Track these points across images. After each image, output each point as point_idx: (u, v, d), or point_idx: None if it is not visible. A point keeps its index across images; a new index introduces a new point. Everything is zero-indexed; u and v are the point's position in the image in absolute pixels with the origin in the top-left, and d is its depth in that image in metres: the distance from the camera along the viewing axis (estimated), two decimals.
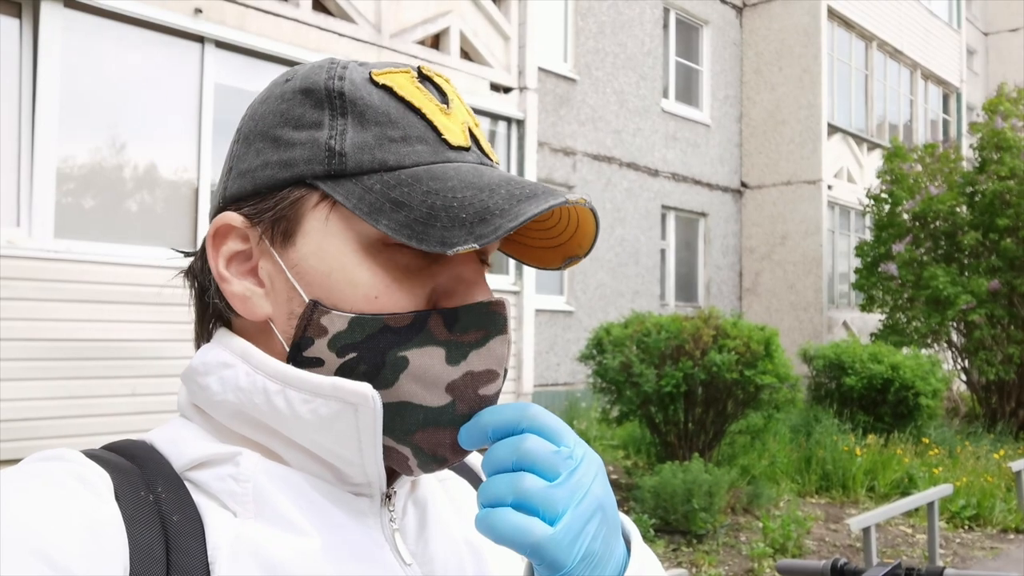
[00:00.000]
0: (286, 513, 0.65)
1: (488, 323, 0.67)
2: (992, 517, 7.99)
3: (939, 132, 19.38)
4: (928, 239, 13.38)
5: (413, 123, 0.67)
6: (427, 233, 0.61)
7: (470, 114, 0.72)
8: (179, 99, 6.01)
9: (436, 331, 0.65)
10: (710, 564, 6.00)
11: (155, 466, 0.66)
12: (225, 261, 0.70)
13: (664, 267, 14.43)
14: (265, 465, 0.67)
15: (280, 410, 0.65)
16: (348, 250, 0.66)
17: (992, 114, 13.54)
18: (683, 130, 14.77)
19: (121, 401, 5.48)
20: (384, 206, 0.63)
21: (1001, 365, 12.36)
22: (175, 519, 0.62)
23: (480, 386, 0.66)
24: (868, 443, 9.65)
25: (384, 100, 0.68)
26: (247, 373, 0.67)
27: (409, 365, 0.65)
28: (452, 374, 0.65)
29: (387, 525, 0.71)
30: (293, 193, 0.68)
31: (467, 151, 0.69)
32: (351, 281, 0.66)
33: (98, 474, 0.62)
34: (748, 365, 7.44)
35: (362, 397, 0.64)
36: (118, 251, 5.58)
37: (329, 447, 0.66)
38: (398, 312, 0.65)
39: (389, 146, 0.66)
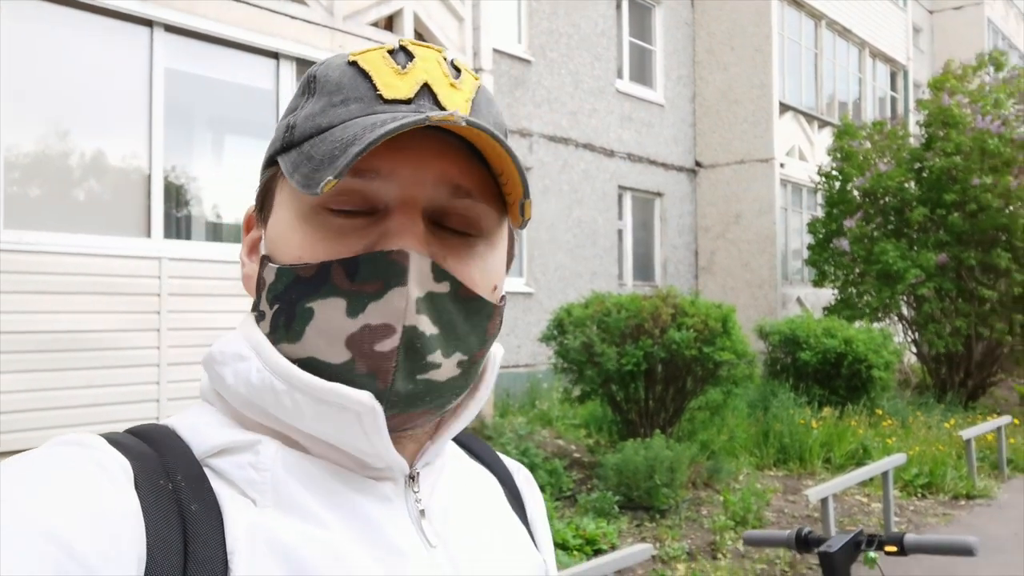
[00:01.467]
0: (306, 501, 0.65)
1: (387, 273, 0.65)
2: (944, 484, 8.22)
3: (887, 109, 19.70)
4: (878, 215, 13.63)
5: (357, 86, 0.69)
6: (312, 178, 0.63)
7: (447, 75, 0.70)
8: (128, 85, 5.89)
9: (338, 281, 0.65)
10: (673, 538, 6.09)
11: (175, 453, 0.66)
12: (247, 248, 0.77)
13: (622, 247, 14.52)
14: (285, 453, 0.67)
15: (288, 409, 0.66)
16: (291, 215, 0.69)
17: (938, 91, 13.81)
18: (638, 110, 14.84)
19: (77, 393, 5.38)
20: (301, 163, 0.66)
21: (950, 337, 12.67)
22: (194, 508, 0.61)
23: (376, 341, 0.65)
24: (823, 416, 9.85)
25: (343, 73, 0.70)
26: (258, 369, 0.67)
27: (314, 316, 0.66)
28: (351, 327, 0.65)
29: (412, 507, 0.71)
30: (268, 173, 0.73)
31: (406, 103, 0.68)
32: (289, 243, 0.68)
33: (118, 461, 0.61)
34: (706, 342, 7.53)
35: (362, 405, 0.64)
36: (70, 240, 5.46)
37: (342, 440, 0.67)
38: (308, 262, 0.66)
39: (330, 111, 0.68)
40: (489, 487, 0.86)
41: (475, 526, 0.76)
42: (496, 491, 0.86)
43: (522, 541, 0.83)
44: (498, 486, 0.87)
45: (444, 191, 0.68)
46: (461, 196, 0.68)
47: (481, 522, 0.78)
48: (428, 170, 0.67)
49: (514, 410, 10.03)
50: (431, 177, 0.67)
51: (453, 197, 0.68)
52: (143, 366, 5.71)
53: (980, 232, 12.70)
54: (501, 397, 10.42)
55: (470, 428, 7.97)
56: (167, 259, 5.84)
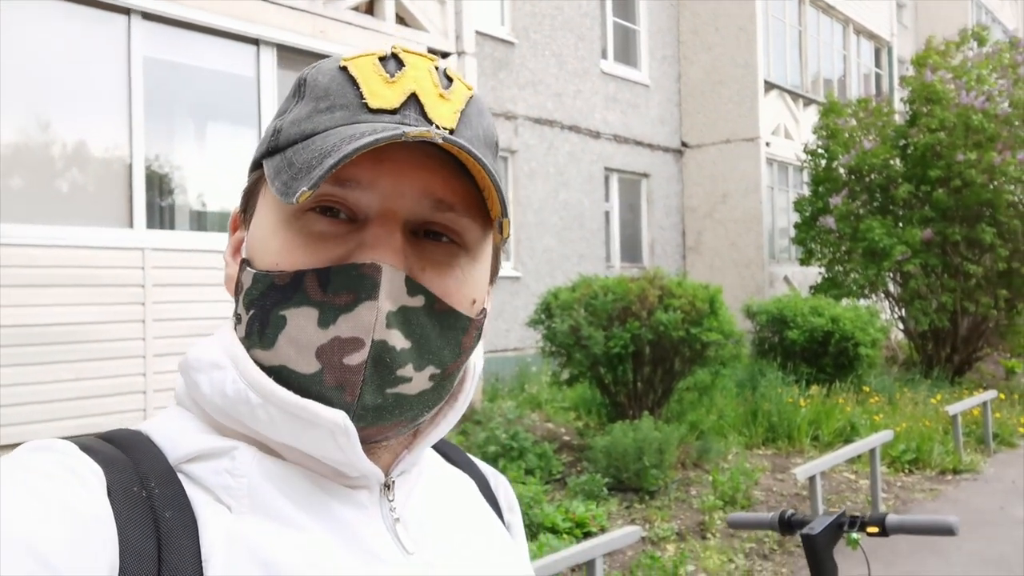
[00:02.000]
0: (282, 507, 0.65)
1: (357, 286, 0.64)
2: (931, 460, 8.28)
3: (872, 86, 19.71)
4: (863, 192, 13.67)
5: (344, 93, 0.68)
6: (291, 187, 0.63)
7: (436, 84, 0.70)
8: (107, 74, 5.83)
9: (311, 291, 0.65)
10: (663, 519, 6.12)
11: (149, 459, 0.65)
12: (232, 249, 0.77)
13: (609, 229, 14.52)
14: (261, 459, 0.66)
15: (263, 421, 0.66)
16: (272, 220, 0.69)
17: (921, 67, 13.82)
18: (623, 91, 14.80)
19: (65, 386, 5.36)
20: (283, 169, 0.66)
21: (936, 313, 12.74)
22: (168, 516, 0.61)
23: (345, 354, 0.64)
24: (811, 394, 9.90)
25: (332, 78, 0.69)
26: (234, 380, 0.67)
27: (287, 325, 0.65)
28: (321, 338, 0.64)
29: (387, 515, 0.71)
30: (253, 175, 0.74)
31: (391, 113, 0.67)
32: (266, 248, 0.68)
33: (90, 468, 0.61)
34: (694, 323, 7.55)
35: (335, 425, 0.64)
36: (52, 233, 5.42)
37: (316, 451, 0.67)
38: (283, 270, 0.66)
39: (315, 117, 0.68)
40: (466, 490, 0.86)
41: (452, 532, 0.77)
42: (473, 493, 0.87)
43: (501, 541, 0.83)
44: (475, 489, 0.88)
45: (426, 204, 0.67)
46: (444, 210, 0.68)
47: (459, 527, 0.78)
48: (409, 183, 0.67)
49: (503, 394, 10.04)
50: (413, 190, 0.67)
51: (435, 211, 0.68)
52: (129, 358, 5.68)
53: (965, 208, 12.75)
54: (490, 382, 10.44)
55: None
56: (150, 250, 5.81)
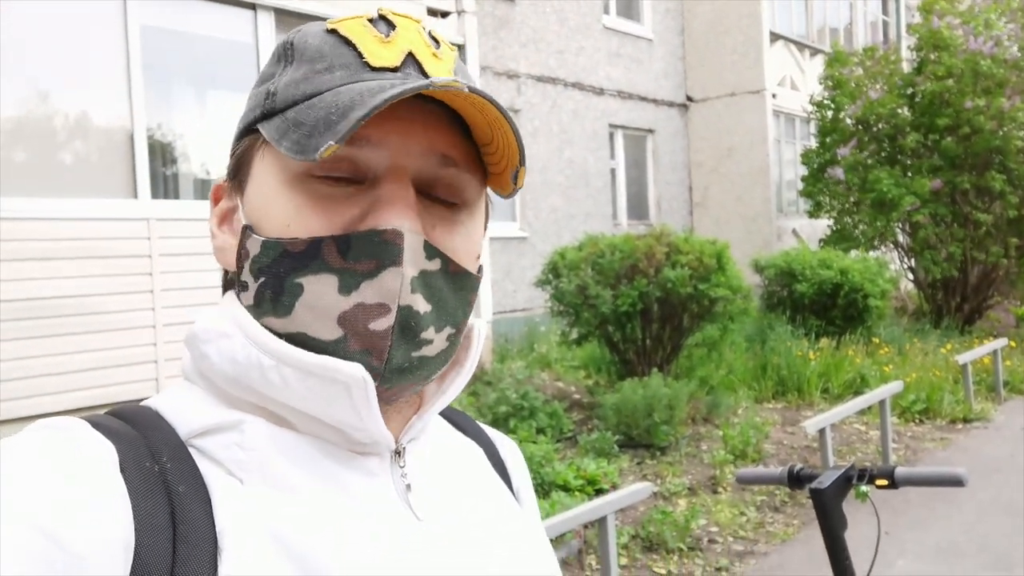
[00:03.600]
0: (293, 478, 0.65)
1: (381, 253, 0.64)
2: (941, 409, 8.30)
3: (879, 34, 19.42)
4: (871, 142, 13.53)
5: (341, 53, 0.68)
6: (308, 144, 0.62)
7: (428, 44, 0.70)
8: (105, 43, 5.78)
9: (330, 258, 0.65)
10: (674, 475, 6.16)
11: (160, 434, 0.65)
12: (218, 219, 0.75)
13: (615, 187, 14.44)
14: (270, 431, 0.67)
15: (276, 384, 0.65)
16: (275, 182, 0.68)
17: (928, 14, 13.60)
18: (626, 46, 14.62)
19: (73, 358, 5.39)
20: (289, 129, 0.65)
21: (945, 263, 12.68)
22: (181, 489, 0.61)
23: (370, 320, 0.65)
24: (821, 347, 9.90)
25: (324, 40, 0.69)
26: (243, 346, 0.66)
27: (304, 292, 0.65)
28: (343, 304, 0.65)
29: (398, 481, 0.72)
30: (244, 141, 0.72)
31: (393, 71, 0.67)
32: (273, 212, 0.67)
33: (102, 445, 0.61)
34: (701, 279, 7.53)
35: (352, 378, 0.64)
36: (56, 206, 5.42)
37: (330, 415, 0.66)
38: (296, 237, 0.65)
39: (314, 78, 0.67)
40: (474, 457, 0.86)
41: (462, 498, 0.77)
42: (481, 460, 0.87)
43: (509, 506, 0.83)
44: (483, 455, 0.88)
45: (432, 161, 0.68)
46: (448, 166, 0.68)
47: (468, 493, 0.78)
48: (417, 139, 0.67)
49: (513, 355, 10.07)
50: (420, 146, 0.67)
51: (440, 167, 0.68)
52: (138, 328, 5.70)
53: (974, 156, 12.62)
54: (499, 342, 10.47)
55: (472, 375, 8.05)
56: (155, 220, 5.80)
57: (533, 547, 0.81)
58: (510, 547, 0.77)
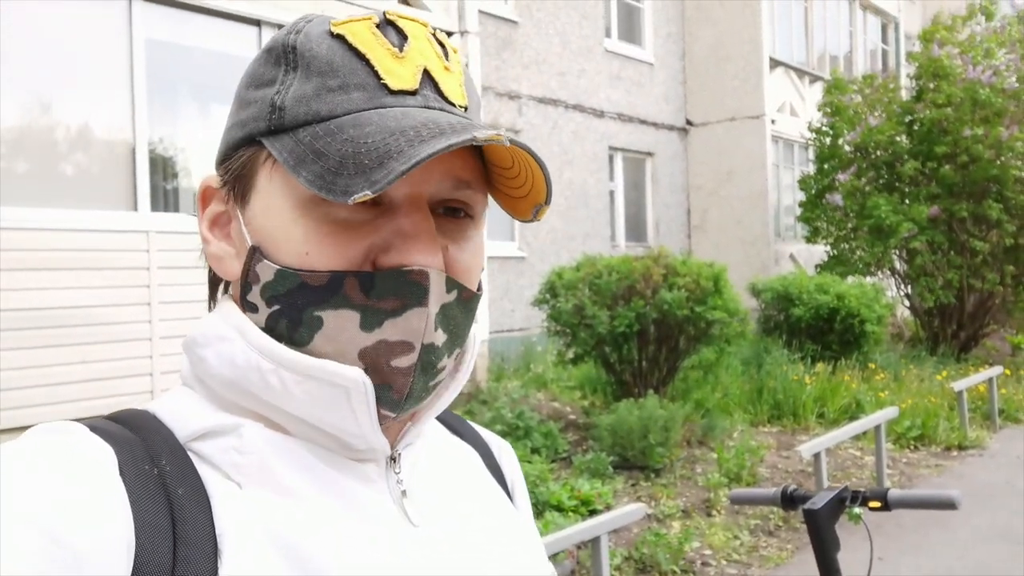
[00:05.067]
0: (290, 482, 0.65)
1: (406, 293, 0.64)
2: (936, 436, 8.29)
3: (879, 62, 19.56)
4: (870, 169, 13.59)
5: (356, 70, 0.66)
6: (335, 183, 0.59)
7: (439, 56, 0.69)
8: (109, 56, 5.81)
9: (352, 294, 0.64)
10: (668, 496, 6.14)
11: (159, 438, 0.65)
12: (209, 223, 0.73)
13: (613, 208, 14.48)
14: (267, 435, 0.66)
15: (275, 388, 0.65)
16: (287, 205, 0.66)
17: (928, 43, 13.70)
18: (627, 69, 14.71)
19: (73, 369, 5.39)
20: (307, 157, 0.62)
21: (942, 290, 12.70)
22: (180, 492, 0.61)
23: (393, 357, 0.65)
24: (817, 371, 9.90)
25: (332, 50, 0.66)
26: (243, 350, 0.66)
27: (323, 326, 0.65)
28: (365, 340, 0.64)
29: (394, 488, 0.72)
30: (246, 152, 0.69)
31: (412, 95, 0.66)
32: (287, 237, 0.65)
33: (102, 448, 0.61)
34: (698, 301, 7.55)
35: (352, 382, 0.64)
36: (56, 216, 5.43)
37: (327, 421, 0.66)
38: (317, 270, 0.64)
39: (326, 96, 0.65)
40: (469, 460, 0.86)
41: (457, 502, 0.77)
42: (476, 463, 0.87)
43: (504, 509, 0.83)
44: (478, 458, 0.88)
45: (448, 184, 0.67)
46: (462, 188, 0.68)
47: (463, 497, 0.79)
48: (437, 166, 0.66)
49: (509, 374, 10.07)
50: (438, 172, 0.66)
51: (455, 189, 0.68)
52: (135, 340, 5.70)
53: (971, 184, 12.68)
54: (496, 361, 10.46)
55: (464, 392, 7.98)
56: (155, 232, 5.81)
57: (528, 550, 0.81)
58: (506, 551, 0.77)
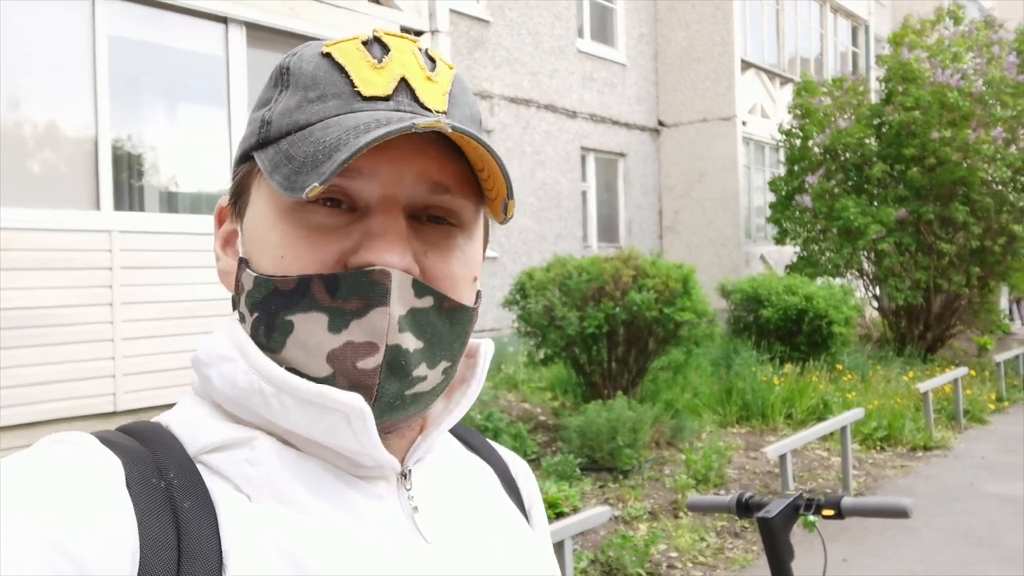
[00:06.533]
0: (301, 497, 0.65)
1: (368, 292, 0.65)
2: (902, 437, 8.38)
3: (849, 65, 19.74)
4: (839, 171, 13.72)
5: (333, 81, 0.68)
6: (296, 181, 0.62)
7: (422, 67, 0.70)
8: (72, 53, 5.72)
9: (319, 297, 0.65)
10: (636, 499, 6.16)
11: (168, 450, 0.65)
12: (222, 242, 0.76)
13: (586, 209, 14.50)
14: (279, 449, 0.67)
15: (276, 410, 0.66)
16: (269, 212, 0.68)
17: (897, 46, 13.85)
18: (599, 70, 14.74)
19: (32, 371, 5.30)
20: (281, 162, 0.65)
21: (909, 291, 12.85)
22: (187, 505, 0.61)
23: (359, 358, 0.65)
24: (785, 372, 9.97)
25: (318, 66, 0.69)
26: (244, 372, 0.67)
27: (294, 329, 0.65)
28: (333, 342, 0.65)
29: (405, 504, 0.72)
30: (243, 168, 0.72)
31: (385, 100, 0.67)
32: (266, 244, 0.67)
33: (109, 460, 0.61)
34: (667, 303, 7.57)
35: (350, 408, 0.64)
36: (17, 215, 5.33)
37: (331, 442, 0.66)
38: (288, 275, 0.65)
39: (307, 107, 0.67)
40: (485, 477, 0.86)
41: (471, 518, 0.77)
42: (492, 480, 0.86)
43: (519, 528, 0.83)
44: (493, 476, 0.88)
45: (423, 188, 0.68)
46: (440, 192, 0.68)
47: (477, 514, 0.78)
48: (408, 168, 0.67)
49: None
50: (411, 175, 0.67)
51: (432, 193, 0.68)
52: (97, 341, 5.62)
53: (939, 186, 12.84)
54: None
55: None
56: (118, 232, 5.73)
57: (541, 569, 0.81)
58: (518, 568, 0.77)
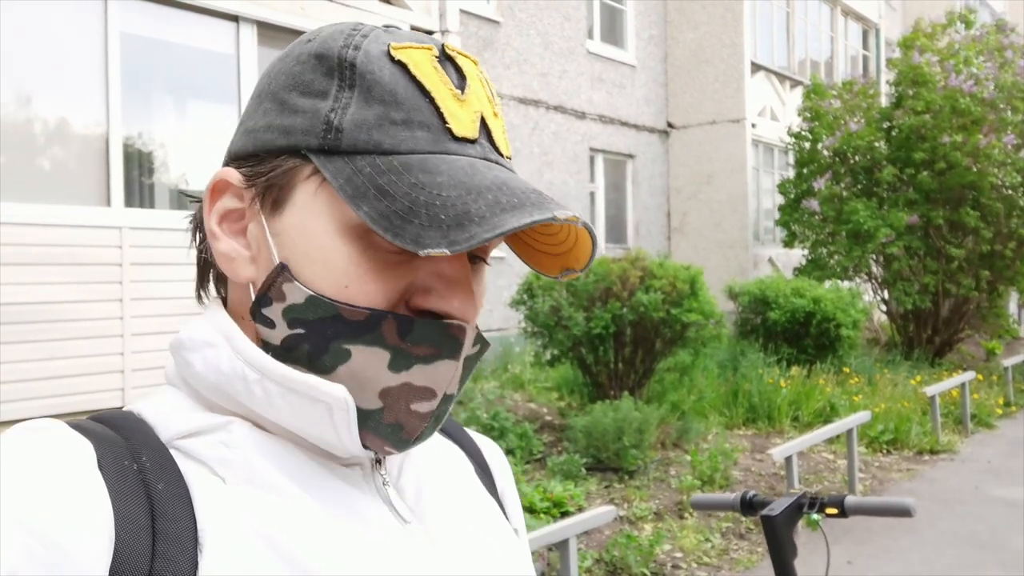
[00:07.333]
0: (277, 479, 0.65)
1: (442, 343, 0.65)
2: (909, 440, 8.37)
3: (859, 68, 19.69)
4: (848, 175, 13.69)
5: (420, 106, 0.65)
6: (403, 228, 0.59)
7: (491, 100, 0.70)
8: (84, 51, 5.76)
9: (387, 335, 0.64)
10: (641, 499, 6.16)
11: (140, 436, 0.65)
12: (218, 217, 0.70)
13: (594, 210, 14.51)
14: (256, 433, 0.66)
15: (258, 397, 0.65)
16: (330, 230, 0.65)
17: (908, 50, 13.81)
18: (609, 71, 14.74)
19: (38, 365, 5.33)
20: (368, 192, 0.61)
21: (918, 295, 12.82)
22: (160, 487, 0.61)
23: (414, 401, 0.66)
24: (792, 375, 9.96)
25: (395, 78, 0.65)
26: (229, 358, 0.66)
27: (351, 359, 0.64)
28: (390, 380, 0.65)
29: (381, 488, 0.72)
30: (288, 162, 0.66)
31: (472, 143, 0.66)
32: (326, 263, 0.65)
33: (80, 445, 0.60)
34: (674, 304, 7.57)
35: (335, 399, 0.64)
36: (28, 211, 5.37)
37: (308, 432, 0.66)
38: (355, 306, 0.64)
39: (388, 128, 0.64)
40: (458, 462, 0.86)
41: (446, 500, 0.77)
42: (465, 465, 0.87)
43: (493, 513, 0.83)
44: (467, 460, 0.88)
45: None
46: None
47: (452, 496, 0.78)
48: None
49: (487, 374, 10.06)
50: None
51: None
52: (106, 337, 5.65)
53: (948, 190, 12.80)
54: None
55: None
56: (128, 228, 5.77)
57: (514, 550, 0.81)
58: (492, 550, 0.77)
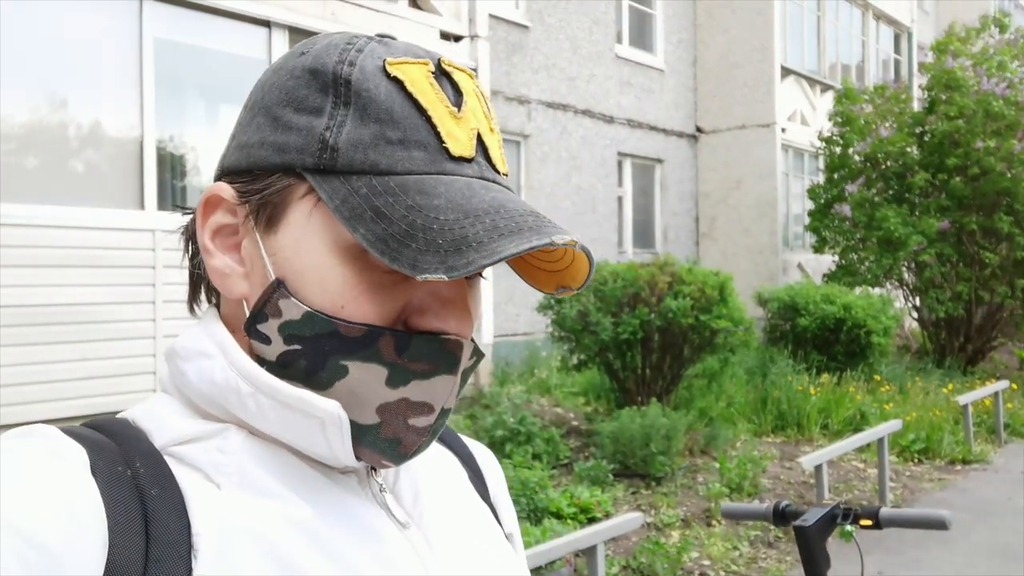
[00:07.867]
0: (272, 485, 0.65)
1: (439, 358, 0.65)
2: (940, 450, 8.25)
3: (891, 72, 19.49)
4: (879, 180, 13.54)
5: (416, 125, 0.64)
6: (401, 252, 0.59)
7: (487, 115, 0.69)
8: (119, 55, 5.84)
9: (385, 351, 0.64)
10: (668, 506, 6.12)
11: (134, 442, 0.65)
12: (211, 232, 0.69)
13: (621, 214, 14.47)
14: (251, 440, 0.66)
15: (251, 410, 0.65)
16: (325, 250, 0.65)
17: (941, 54, 13.64)
18: (637, 75, 14.70)
19: (71, 366, 5.40)
20: (365, 213, 0.61)
21: (950, 302, 12.65)
22: (154, 493, 0.61)
23: (411, 416, 0.66)
24: (822, 382, 9.86)
25: (391, 95, 0.64)
26: (223, 369, 0.66)
27: (348, 376, 0.64)
28: (388, 396, 0.65)
29: (378, 494, 0.72)
30: (282, 180, 0.66)
31: (469, 162, 0.65)
32: (322, 283, 0.64)
33: (74, 450, 0.60)
34: (703, 310, 7.53)
35: (327, 414, 0.64)
36: (63, 213, 5.46)
37: (301, 445, 0.67)
38: (352, 322, 0.63)
39: (385, 148, 0.63)
40: (451, 468, 0.86)
41: (441, 505, 0.77)
42: (458, 471, 0.87)
43: (486, 519, 0.84)
44: (460, 466, 0.88)
45: None
46: None
47: (447, 501, 0.79)
48: None
49: (513, 379, 10.05)
50: None
51: None
52: (139, 339, 5.72)
53: (982, 196, 12.62)
54: (500, 366, 10.45)
55: (467, 396, 7.97)
56: (161, 231, 5.83)
57: (508, 555, 0.81)
58: (488, 554, 0.78)
